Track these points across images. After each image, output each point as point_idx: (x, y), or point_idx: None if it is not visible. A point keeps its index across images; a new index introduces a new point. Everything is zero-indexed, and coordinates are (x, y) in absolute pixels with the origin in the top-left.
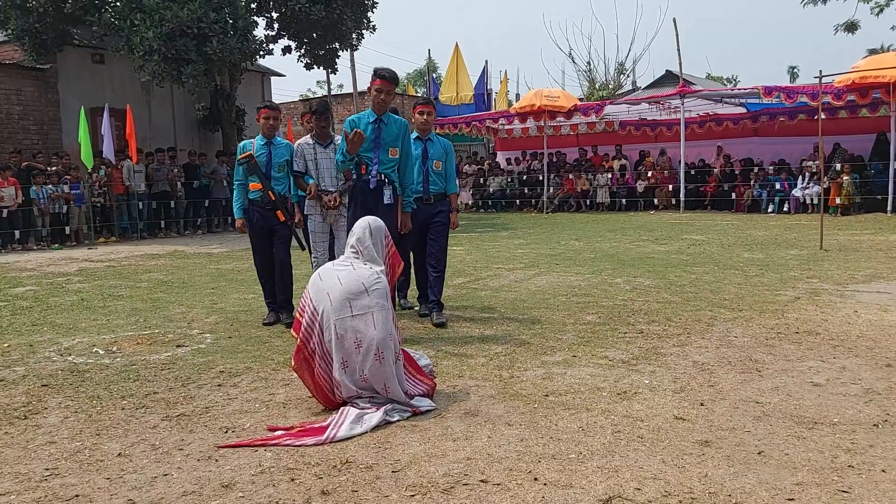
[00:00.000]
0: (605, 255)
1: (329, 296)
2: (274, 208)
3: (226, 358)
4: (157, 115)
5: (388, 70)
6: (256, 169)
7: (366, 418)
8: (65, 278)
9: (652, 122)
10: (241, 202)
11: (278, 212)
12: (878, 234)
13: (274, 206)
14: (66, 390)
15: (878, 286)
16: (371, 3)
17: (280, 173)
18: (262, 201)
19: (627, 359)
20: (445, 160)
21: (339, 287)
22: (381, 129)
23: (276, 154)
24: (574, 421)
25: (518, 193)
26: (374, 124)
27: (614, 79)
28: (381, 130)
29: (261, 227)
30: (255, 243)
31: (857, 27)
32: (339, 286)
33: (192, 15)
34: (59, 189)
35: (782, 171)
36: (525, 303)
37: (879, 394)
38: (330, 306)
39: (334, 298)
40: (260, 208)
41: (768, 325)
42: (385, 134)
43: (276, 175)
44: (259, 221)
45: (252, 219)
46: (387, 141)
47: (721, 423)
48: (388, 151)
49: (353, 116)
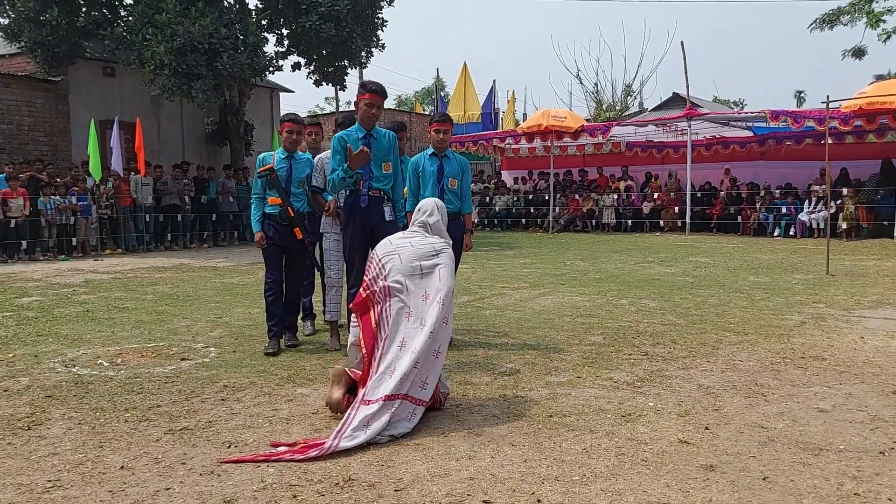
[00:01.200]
0: (610, 275)
1: (399, 255)
2: (292, 225)
3: (230, 372)
4: (166, 129)
5: (377, 83)
6: (276, 183)
7: (372, 424)
8: (70, 289)
9: (658, 144)
10: (259, 215)
11: (296, 228)
12: (885, 260)
13: (292, 222)
14: (69, 402)
15: (885, 312)
16: (381, 21)
17: (300, 189)
18: (281, 217)
19: (632, 381)
20: (461, 178)
21: (411, 249)
22: (371, 145)
23: (297, 169)
24: (578, 442)
25: (524, 213)
26: (364, 139)
27: (621, 100)
28: (371, 146)
29: (276, 243)
30: (268, 259)
31: (864, 53)
32: (410, 248)
33: (203, 30)
34: (66, 200)
35: (789, 195)
36: (530, 322)
37: (886, 421)
38: (400, 264)
39: (404, 257)
40: (276, 224)
41: (774, 350)
42: (376, 148)
43: (295, 191)
44: (275, 236)
45: (268, 233)
46: (379, 156)
47: (726, 448)
48: (381, 166)
49: (341, 133)
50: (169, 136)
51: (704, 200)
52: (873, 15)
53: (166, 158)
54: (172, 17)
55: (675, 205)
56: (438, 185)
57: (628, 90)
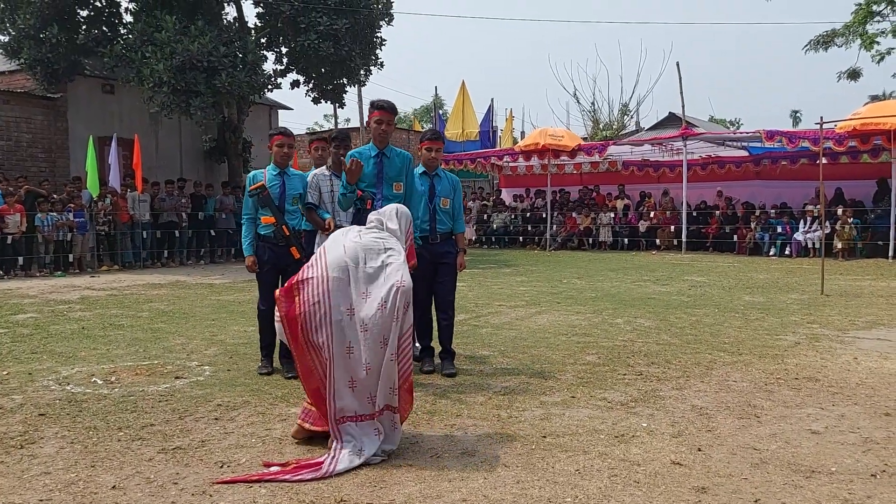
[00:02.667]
0: (606, 294)
1: (344, 246)
2: (288, 244)
3: (224, 391)
4: (164, 146)
5: (386, 101)
6: (269, 201)
7: (365, 449)
8: (66, 306)
9: (655, 163)
10: (251, 238)
11: (293, 248)
12: (880, 280)
13: (288, 242)
14: (62, 420)
15: (879, 333)
16: (379, 41)
17: (294, 206)
18: (276, 237)
19: (626, 401)
20: (453, 197)
21: (359, 241)
22: (383, 163)
23: (291, 185)
24: (571, 463)
25: (521, 230)
26: (377, 158)
27: (618, 119)
28: (383, 164)
29: (272, 265)
30: (263, 281)
31: (859, 75)
32: (358, 241)
33: (202, 49)
34: (63, 217)
35: (784, 215)
36: (525, 341)
37: (878, 443)
38: (343, 253)
39: (349, 248)
40: (272, 244)
41: (768, 370)
42: (388, 168)
43: (289, 208)
44: (270, 259)
45: (262, 256)
46: (390, 175)
47: (718, 470)
48: (392, 186)
49: (355, 150)
50: (167, 152)
51: (700, 219)
52: (867, 37)
53: (164, 175)
54: (172, 35)
55: (671, 223)
56: (430, 205)
57: (625, 109)
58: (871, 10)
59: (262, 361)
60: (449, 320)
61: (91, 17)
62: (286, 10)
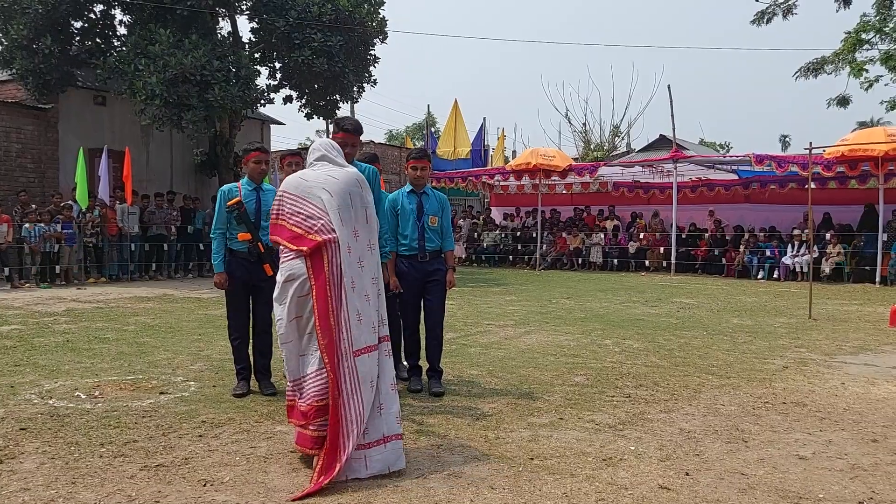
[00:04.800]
0: (595, 315)
1: (326, 189)
2: (261, 261)
3: (209, 407)
4: (155, 159)
5: (353, 121)
6: (246, 217)
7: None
8: (51, 318)
9: (645, 185)
10: (222, 255)
11: (266, 265)
12: (867, 305)
13: (262, 258)
14: (44, 435)
15: (866, 358)
16: (373, 58)
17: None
18: (250, 253)
19: (614, 423)
20: (441, 215)
21: (337, 182)
22: None
23: (266, 201)
24: (558, 486)
25: (512, 249)
26: None
27: (609, 141)
28: None
29: (245, 282)
30: (233, 301)
31: (848, 102)
32: (336, 181)
33: (195, 62)
34: (51, 228)
35: (773, 238)
36: (514, 361)
37: (865, 470)
38: (330, 196)
39: (333, 191)
40: (244, 261)
41: (756, 395)
42: None
43: (264, 224)
44: (243, 276)
45: (234, 273)
46: None
47: (705, 495)
48: None
49: None
50: (158, 165)
51: (690, 241)
52: (856, 64)
53: (154, 188)
54: (165, 48)
55: (660, 245)
56: (419, 223)
57: (616, 131)
58: (860, 39)
59: (238, 384)
60: (437, 339)
61: (85, 28)
62: (281, 26)
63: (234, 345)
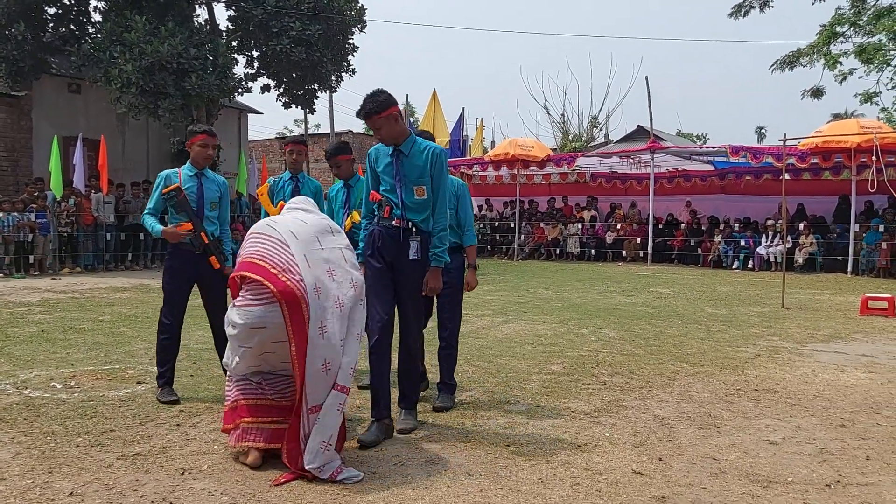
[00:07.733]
0: (572, 304)
1: (293, 232)
2: (206, 253)
3: (186, 397)
4: (130, 147)
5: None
6: (186, 205)
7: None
8: (26, 308)
9: (622, 176)
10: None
11: (212, 257)
12: (838, 295)
13: (206, 250)
14: (19, 425)
15: (836, 346)
16: (351, 47)
17: (213, 212)
18: (194, 245)
19: (589, 410)
20: (458, 205)
21: (306, 225)
22: (401, 162)
23: (209, 189)
24: (534, 472)
25: (490, 239)
26: (393, 155)
27: (587, 131)
28: (401, 163)
29: (184, 275)
30: (171, 294)
31: (822, 93)
32: (304, 224)
33: (172, 50)
34: (24, 217)
35: (748, 229)
36: (491, 350)
37: (833, 454)
38: (295, 240)
39: (299, 233)
40: (189, 254)
41: (728, 382)
42: (408, 168)
43: (208, 214)
44: (188, 271)
45: (174, 267)
46: (410, 178)
47: (678, 479)
48: (413, 191)
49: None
50: (133, 154)
51: (666, 232)
52: (830, 57)
53: (130, 177)
54: (141, 35)
55: (637, 235)
56: None
57: (594, 122)
58: (834, 32)
59: (163, 390)
60: (451, 349)
61: (59, 14)
62: (258, 14)
63: (163, 344)
